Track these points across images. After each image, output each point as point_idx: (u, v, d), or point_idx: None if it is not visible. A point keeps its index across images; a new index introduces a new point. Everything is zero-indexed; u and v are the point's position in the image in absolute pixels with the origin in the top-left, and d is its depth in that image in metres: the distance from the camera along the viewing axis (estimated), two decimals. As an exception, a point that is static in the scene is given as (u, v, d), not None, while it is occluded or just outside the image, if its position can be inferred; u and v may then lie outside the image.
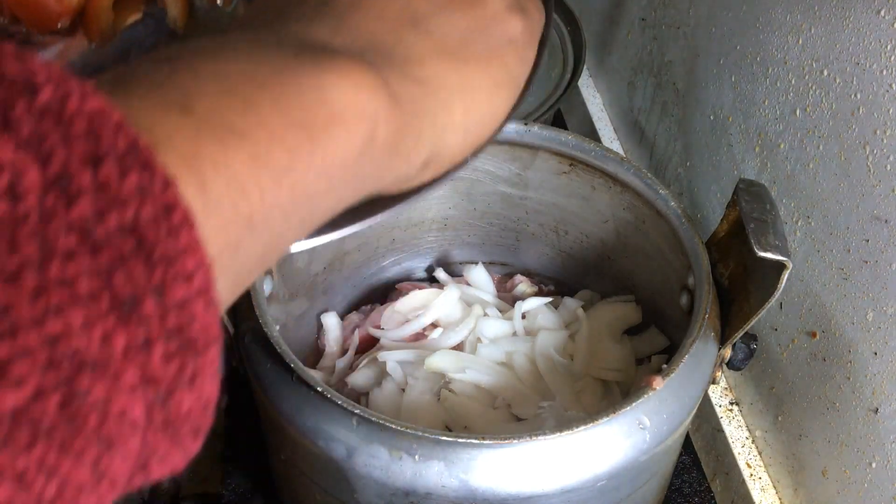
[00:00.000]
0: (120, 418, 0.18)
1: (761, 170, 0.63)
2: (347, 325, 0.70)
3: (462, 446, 0.45)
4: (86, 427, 0.17)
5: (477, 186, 0.69)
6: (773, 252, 0.47)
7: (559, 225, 0.70)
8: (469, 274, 0.71)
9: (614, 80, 0.93)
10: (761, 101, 0.62)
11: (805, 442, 0.61)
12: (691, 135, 0.75)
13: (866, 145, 0.50)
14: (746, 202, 0.51)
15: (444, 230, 0.73)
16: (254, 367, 0.50)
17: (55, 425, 0.16)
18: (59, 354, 0.16)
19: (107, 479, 0.18)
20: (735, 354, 0.54)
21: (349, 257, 0.70)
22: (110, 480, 0.18)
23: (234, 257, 0.21)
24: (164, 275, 0.18)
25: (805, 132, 0.56)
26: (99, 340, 0.17)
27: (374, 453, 0.45)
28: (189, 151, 0.20)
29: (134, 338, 0.17)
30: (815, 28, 0.54)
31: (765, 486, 0.66)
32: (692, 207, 0.75)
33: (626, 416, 0.47)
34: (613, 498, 0.50)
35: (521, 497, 0.45)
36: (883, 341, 0.51)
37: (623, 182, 0.61)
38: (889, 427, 0.52)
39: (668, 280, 0.61)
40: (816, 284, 0.57)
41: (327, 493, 0.51)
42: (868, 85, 0.49)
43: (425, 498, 0.46)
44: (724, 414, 0.70)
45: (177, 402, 0.19)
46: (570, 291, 0.72)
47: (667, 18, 0.78)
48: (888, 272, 0.50)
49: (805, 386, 0.60)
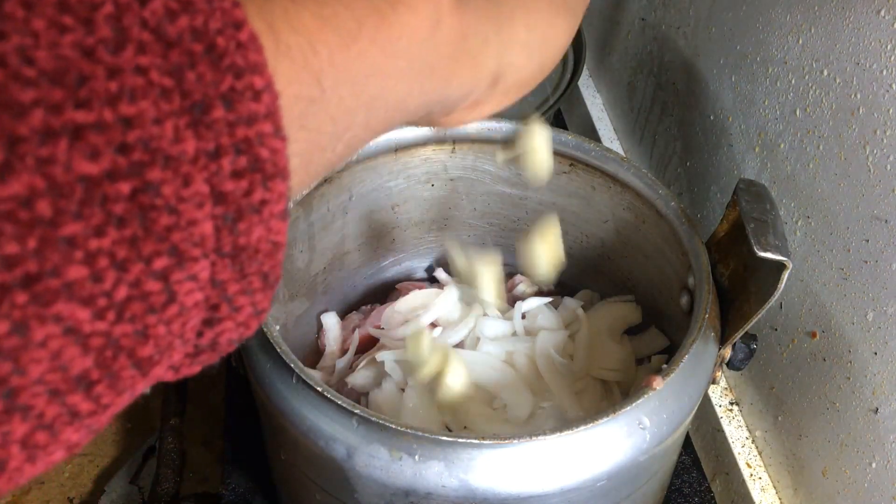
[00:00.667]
0: (189, 230, 0.18)
1: (761, 170, 0.63)
2: (347, 325, 0.70)
3: (462, 446, 0.45)
4: (156, 227, 0.17)
5: (477, 186, 0.69)
6: (773, 252, 0.47)
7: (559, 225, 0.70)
8: (469, 274, 0.71)
9: (614, 80, 0.93)
10: (761, 101, 0.62)
11: (805, 442, 0.61)
12: (691, 135, 0.75)
13: (866, 145, 0.50)
14: (746, 202, 0.50)
15: (444, 230, 0.73)
16: (254, 367, 0.50)
17: (127, 215, 0.16)
18: (132, 138, 0.16)
19: (177, 304, 0.18)
20: (735, 354, 0.54)
21: (349, 257, 0.69)
22: (181, 308, 0.18)
23: (305, 118, 0.21)
24: (232, 84, 0.18)
25: (805, 132, 0.56)
26: (171, 136, 0.17)
27: (374, 453, 0.45)
28: (259, 1, 0.20)
29: (204, 143, 0.18)
30: (815, 28, 0.54)
31: (765, 486, 0.66)
32: (692, 207, 0.75)
33: (626, 416, 0.47)
34: (613, 498, 0.50)
35: (521, 497, 0.45)
36: (883, 341, 0.51)
37: (623, 182, 0.61)
38: (889, 427, 0.52)
39: (668, 280, 0.61)
40: (816, 284, 0.57)
41: (327, 493, 0.51)
42: (868, 85, 0.49)
43: (425, 498, 0.46)
44: (724, 414, 0.70)
45: (245, 228, 0.19)
46: (570, 291, 0.72)
47: (667, 18, 0.78)
48: (888, 272, 0.50)
49: (805, 386, 0.60)
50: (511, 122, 0.62)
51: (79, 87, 0.16)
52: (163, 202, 0.17)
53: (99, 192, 0.16)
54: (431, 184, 0.69)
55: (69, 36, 0.16)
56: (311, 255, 0.65)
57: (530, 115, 0.79)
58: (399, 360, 0.64)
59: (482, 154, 0.66)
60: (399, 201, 0.69)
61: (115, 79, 0.16)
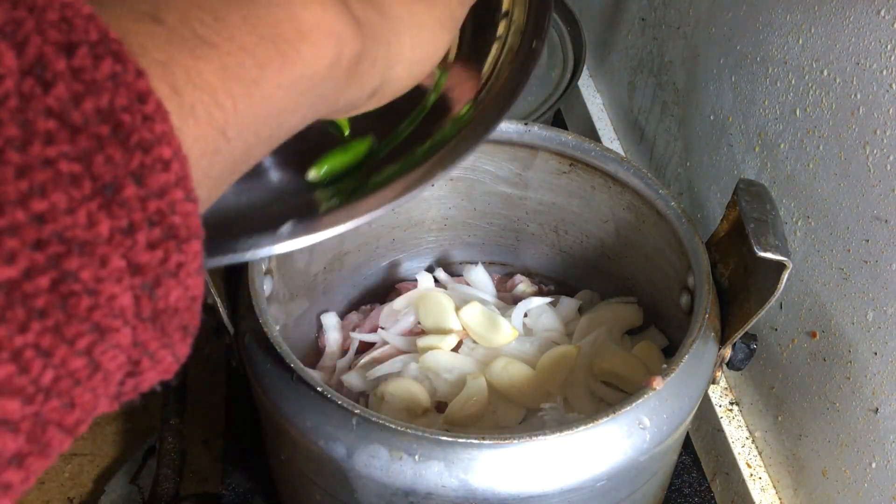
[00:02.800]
0: (109, 304, 0.18)
1: (761, 170, 0.63)
2: (347, 325, 0.70)
3: (462, 446, 0.45)
4: (77, 311, 0.17)
5: (477, 186, 0.69)
6: (773, 252, 0.47)
7: (559, 225, 0.70)
8: (469, 274, 0.71)
9: (614, 80, 0.93)
10: (761, 101, 0.62)
11: (805, 442, 0.61)
12: (691, 135, 0.75)
13: (866, 145, 0.50)
14: (746, 202, 0.51)
15: (444, 230, 0.73)
16: (254, 367, 0.50)
17: (48, 307, 0.17)
18: (46, 233, 0.17)
19: (101, 372, 0.18)
20: (735, 354, 0.54)
21: (349, 257, 0.69)
22: (104, 374, 0.19)
23: (212, 167, 0.22)
24: (141, 160, 0.18)
25: (805, 132, 0.56)
26: (84, 222, 0.17)
27: (374, 453, 0.45)
28: (161, 59, 0.20)
29: (118, 222, 0.18)
30: (815, 28, 0.54)
31: (765, 486, 0.66)
32: (692, 207, 0.75)
33: (626, 416, 0.47)
34: (613, 498, 0.50)
35: (521, 497, 0.45)
36: (883, 341, 0.51)
37: (623, 182, 0.61)
38: (889, 427, 0.52)
39: (668, 280, 0.61)
40: (816, 284, 0.57)
41: (327, 493, 0.51)
42: (868, 85, 0.49)
43: (425, 498, 0.46)
44: (724, 414, 0.70)
45: (164, 293, 0.19)
46: (571, 291, 0.72)
47: (667, 18, 0.78)
48: (888, 272, 0.50)
49: (805, 386, 0.60)
50: (512, 122, 0.62)
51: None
52: (82, 287, 0.17)
53: (19, 293, 0.16)
54: (431, 184, 0.69)
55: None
56: (310, 256, 0.65)
57: (531, 114, 0.79)
58: (401, 361, 0.64)
59: (482, 154, 0.66)
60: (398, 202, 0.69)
61: (24, 177, 0.16)
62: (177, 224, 0.19)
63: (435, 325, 0.65)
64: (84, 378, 0.18)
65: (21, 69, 0.17)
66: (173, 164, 0.19)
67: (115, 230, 0.18)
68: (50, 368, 0.17)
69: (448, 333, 0.64)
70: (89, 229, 0.17)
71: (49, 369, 0.17)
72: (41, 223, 0.17)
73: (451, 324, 0.65)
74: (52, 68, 0.17)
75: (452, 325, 0.65)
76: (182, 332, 0.21)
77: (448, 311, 0.65)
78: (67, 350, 0.17)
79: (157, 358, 0.20)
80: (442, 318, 0.65)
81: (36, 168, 0.17)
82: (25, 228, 0.16)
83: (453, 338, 0.64)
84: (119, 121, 0.18)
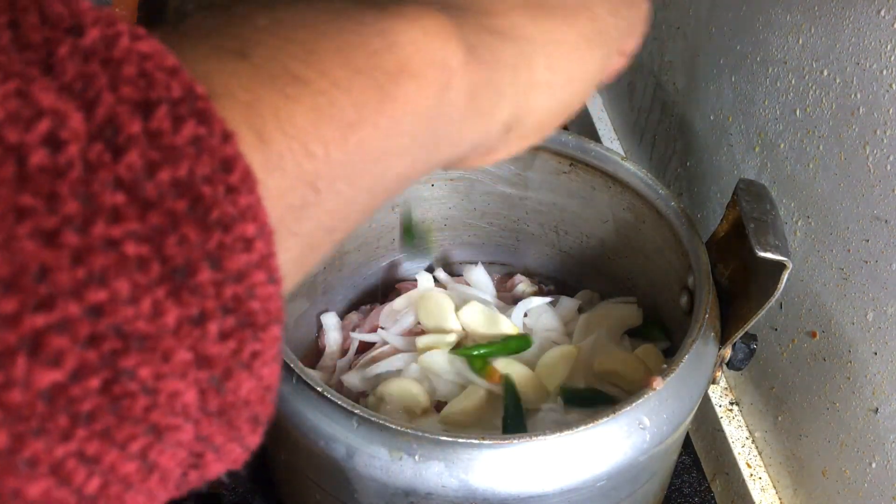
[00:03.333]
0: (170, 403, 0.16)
1: (761, 170, 0.63)
2: (347, 325, 0.70)
3: (462, 446, 0.45)
4: (132, 413, 0.15)
5: (477, 186, 0.69)
6: (773, 252, 0.47)
7: (559, 225, 0.70)
8: (469, 274, 0.71)
9: (614, 80, 0.93)
10: (761, 101, 0.62)
11: (805, 442, 0.61)
12: (691, 135, 0.75)
13: (866, 145, 0.50)
14: (746, 202, 0.50)
15: (444, 230, 0.73)
16: (254, 367, 0.50)
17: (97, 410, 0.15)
18: (101, 328, 0.14)
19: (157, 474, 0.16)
20: (735, 354, 0.54)
21: (349, 257, 0.69)
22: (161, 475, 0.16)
23: (299, 224, 0.19)
24: (220, 241, 0.16)
25: (805, 132, 0.56)
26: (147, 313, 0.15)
27: (374, 453, 0.45)
28: (247, 100, 0.18)
29: (187, 311, 0.16)
30: (815, 28, 0.54)
31: (765, 486, 0.66)
32: (692, 207, 0.75)
33: (626, 416, 0.47)
34: (613, 498, 0.50)
35: (521, 497, 0.45)
36: (883, 341, 0.51)
37: (623, 182, 0.61)
38: (889, 427, 0.52)
39: (668, 280, 0.61)
40: (816, 284, 0.57)
41: (327, 494, 0.51)
42: (868, 85, 0.49)
43: (425, 498, 0.46)
44: (724, 414, 0.70)
45: (234, 386, 0.17)
46: (571, 291, 0.72)
47: (667, 18, 0.78)
48: (888, 272, 0.50)
49: (805, 386, 0.60)
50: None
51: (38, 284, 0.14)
52: (138, 385, 0.15)
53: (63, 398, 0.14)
54: (431, 184, 0.69)
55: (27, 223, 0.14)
56: (311, 255, 0.65)
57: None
58: (400, 358, 0.64)
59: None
60: (399, 201, 0.69)
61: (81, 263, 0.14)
62: (254, 310, 0.17)
63: (435, 324, 0.65)
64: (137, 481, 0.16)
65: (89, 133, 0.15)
66: (257, 244, 0.16)
67: (183, 320, 0.16)
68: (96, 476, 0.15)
69: (448, 333, 0.64)
70: (153, 320, 0.15)
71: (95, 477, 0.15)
72: (97, 316, 0.14)
73: (450, 324, 0.65)
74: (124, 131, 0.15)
75: (452, 325, 0.65)
76: (253, 424, 0.18)
77: (448, 311, 0.65)
78: (118, 455, 0.15)
79: (224, 451, 0.18)
80: (442, 318, 0.65)
81: (97, 251, 0.14)
82: (78, 324, 0.14)
83: (453, 338, 0.64)
84: (198, 194, 0.16)
